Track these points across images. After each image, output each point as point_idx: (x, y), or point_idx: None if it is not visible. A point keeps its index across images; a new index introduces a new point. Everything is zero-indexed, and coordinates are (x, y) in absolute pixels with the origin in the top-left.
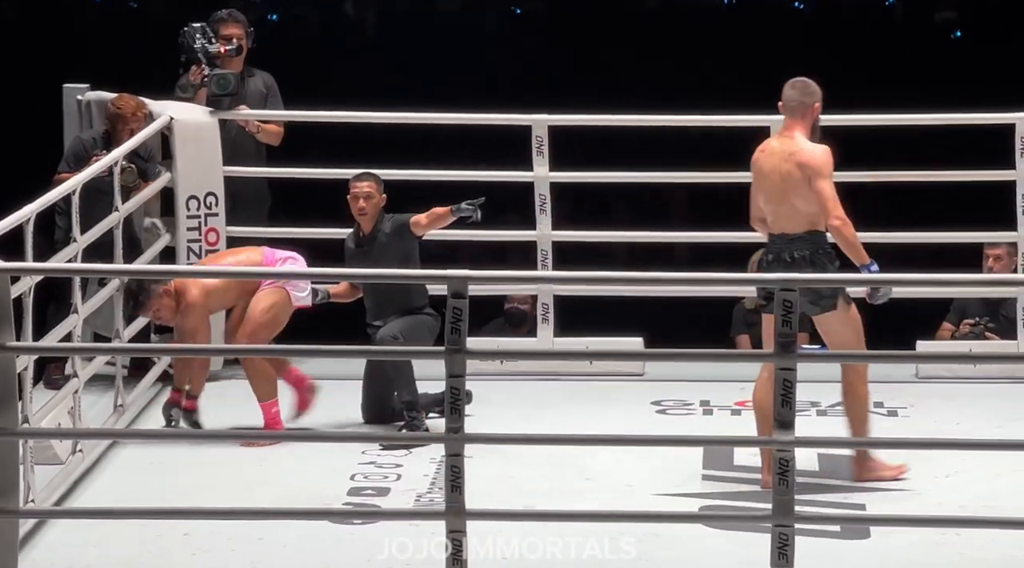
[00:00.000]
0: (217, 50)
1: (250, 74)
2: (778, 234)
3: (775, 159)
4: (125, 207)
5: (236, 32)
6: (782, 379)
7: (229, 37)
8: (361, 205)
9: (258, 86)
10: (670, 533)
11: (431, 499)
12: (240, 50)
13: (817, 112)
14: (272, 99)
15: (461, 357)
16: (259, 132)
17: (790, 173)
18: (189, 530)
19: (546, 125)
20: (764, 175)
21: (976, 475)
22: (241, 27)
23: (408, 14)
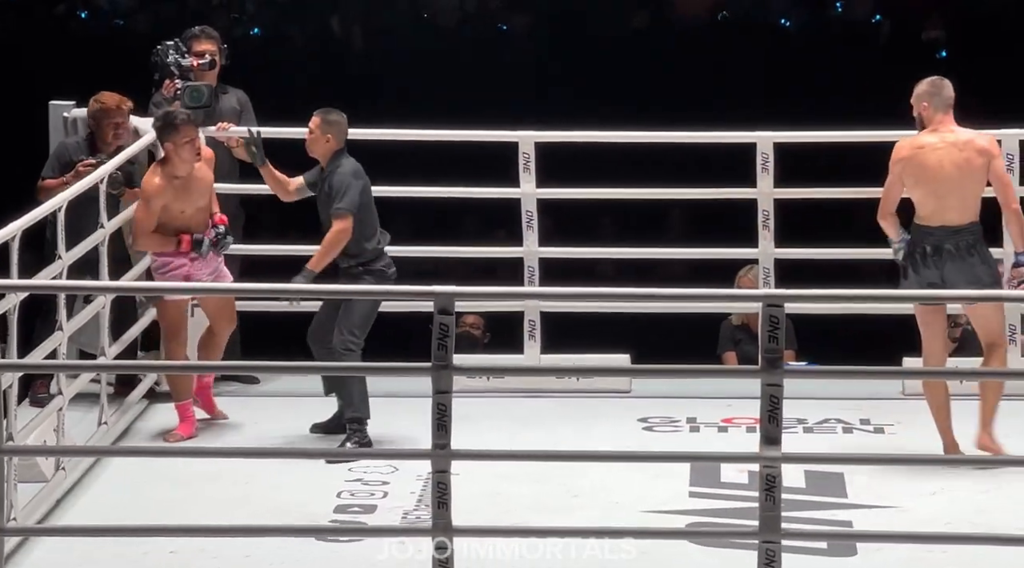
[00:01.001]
0: (190, 63)
1: (224, 91)
2: (938, 226)
3: (944, 150)
4: (111, 223)
5: (209, 47)
6: (768, 395)
7: (202, 52)
8: (305, 137)
9: (232, 103)
10: (657, 550)
11: (418, 516)
12: (213, 65)
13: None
14: (246, 116)
15: (448, 373)
16: (237, 146)
17: (969, 161)
18: (175, 548)
19: (532, 141)
20: (927, 168)
21: (963, 492)
22: (214, 43)
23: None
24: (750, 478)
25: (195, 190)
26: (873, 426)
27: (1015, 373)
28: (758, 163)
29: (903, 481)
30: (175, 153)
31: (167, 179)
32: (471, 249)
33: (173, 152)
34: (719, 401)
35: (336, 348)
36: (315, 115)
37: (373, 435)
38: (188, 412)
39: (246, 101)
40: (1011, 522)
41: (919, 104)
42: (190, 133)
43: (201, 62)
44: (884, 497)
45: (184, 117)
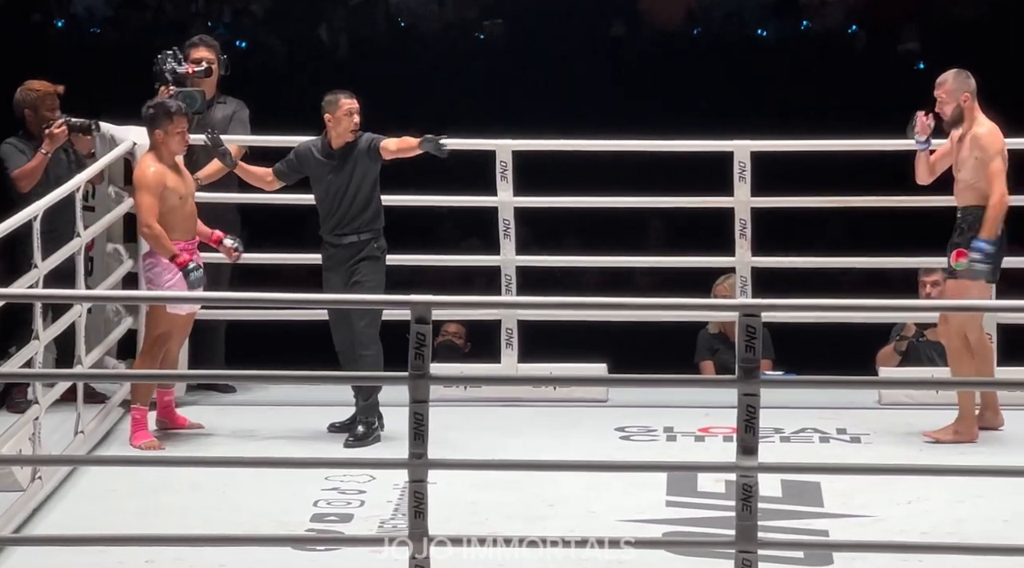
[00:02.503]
0: (185, 71)
1: (221, 101)
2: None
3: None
4: (87, 232)
5: (207, 55)
6: (745, 405)
7: (199, 60)
8: (357, 121)
9: (225, 113)
10: (634, 559)
11: (394, 525)
12: (209, 72)
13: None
14: (235, 126)
15: (425, 382)
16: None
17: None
18: (151, 557)
19: (510, 150)
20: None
21: (938, 501)
22: (212, 51)
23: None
24: (727, 487)
25: (185, 181)
26: (849, 435)
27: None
28: (735, 172)
29: (879, 490)
30: (164, 142)
31: (160, 166)
32: (448, 257)
33: (162, 141)
34: (696, 410)
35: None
36: (355, 97)
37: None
38: (143, 419)
39: (242, 111)
40: (987, 531)
41: (960, 97)
42: (182, 124)
43: (197, 69)
44: (860, 506)
45: (178, 107)
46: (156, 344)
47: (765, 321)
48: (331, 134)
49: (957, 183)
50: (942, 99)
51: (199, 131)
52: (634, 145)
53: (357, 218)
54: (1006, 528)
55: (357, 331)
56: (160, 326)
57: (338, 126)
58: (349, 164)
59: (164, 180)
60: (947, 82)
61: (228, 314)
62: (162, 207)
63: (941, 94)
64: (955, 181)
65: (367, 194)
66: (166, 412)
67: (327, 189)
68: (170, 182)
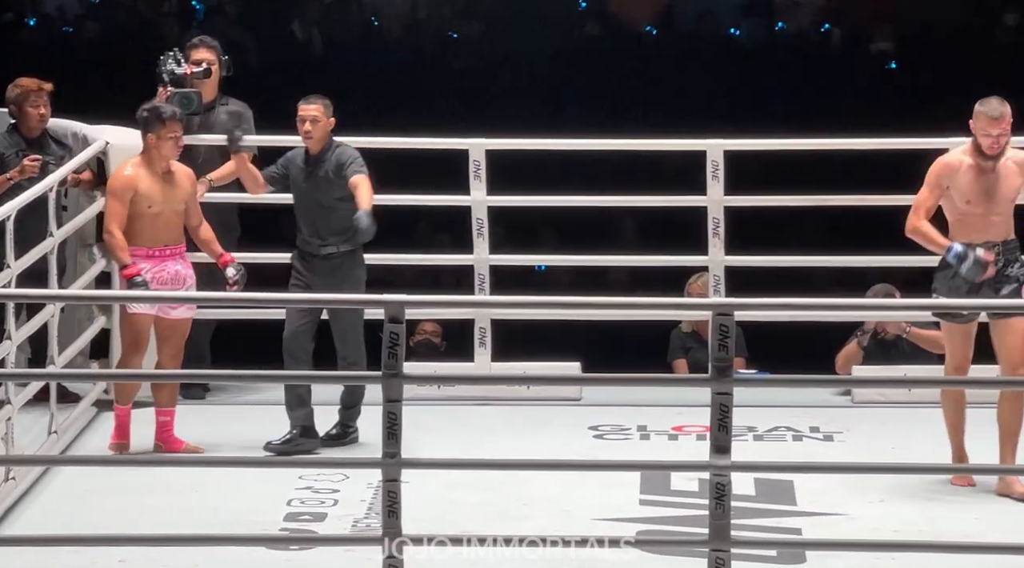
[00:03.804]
0: (184, 72)
1: (223, 102)
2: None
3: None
4: (60, 232)
5: (206, 57)
6: (718, 404)
7: (199, 61)
8: (307, 128)
9: (228, 114)
10: (607, 558)
11: (368, 524)
12: (208, 73)
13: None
14: (243, 127)
15: (398, 382)
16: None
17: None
18: (124, 557)
19: (483, 149)
20: None
21: (912, 499)
22: (213, 52)
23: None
24: (700, 486)
25: (169, 191)
26: (823, 434)
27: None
28: (708, 171)
29: (852, 489)
30: (156, 146)
31: (140, 171)
32: (422, 257)
33: (154, 145)
34: (669, 409)
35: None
36: (315, 101)
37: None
38: (124, 419)
39: (244, 113)
40: (959, 529)
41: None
42: (175, 129)
43: (196, 70)
44: (833, 505)
45: (172, 112)
46: (132, 352)
47: (738, 320)
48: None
49: (1000, 216)
50: (1005, 133)
51: (202, 132)
52: (607, 144)
53: (331, 229)
54: (977, 526)
55: (340, 355)
56: (131, 328)
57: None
58: (320, 172)
59: (135, 185)
60: (1008, 115)
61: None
62: (130, 211)
63: (1005, 127)
64: (984, 214)
65: (335, 206)
66: (162, 434)
67: (302, 196)
68: (143, 188)
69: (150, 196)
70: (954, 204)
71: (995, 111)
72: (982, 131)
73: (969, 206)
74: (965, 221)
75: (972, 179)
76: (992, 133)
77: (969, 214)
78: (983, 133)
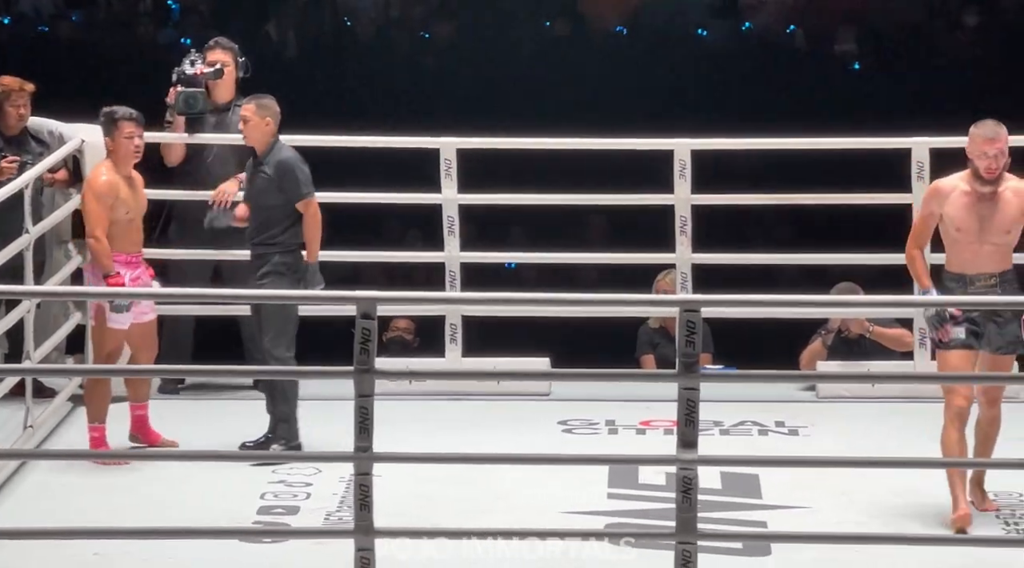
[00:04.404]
0: (195, 72)
1: (239, 103)
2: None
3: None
4: (36, 228)
5: (221, 58)
6: (685, 399)
7: (213, 62)
8: (239, 127)
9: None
10: (576, 550)
11: (340, 517)
12: (220, 74)
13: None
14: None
15: (370, 377)
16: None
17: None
18: (99, 550)
19: (454, 148)
20: None
21: (875, 493)
22: (228, 54)
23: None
24: (667, 479)
25: (137, 196)
26: (788, 428)
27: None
28: (675, 170)
29: (817, 482)
30: (114, 149)
31: (114, 176)
32: (394, 254)
33: (112, 148)
34: (637, 404)
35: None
36: (246, 102)
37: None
38: (100, 442)
39: None
40: (922, 523)
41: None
42: (129, 129)
43: (206, 71)
44: (798, 498)
45: (125, 114)
46: (107, 362)
47: (705, 316)
48: None
49: (995, 246)
50: (1002, 153)
51: (217, 131)
52: (576, 143)
53: (263, 228)
54: (940, 520)
55: (264, 350)
56: (107, 343)
57: None
58: (260, 175)
59: (117, 191)
60: (1004, 136)
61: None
62: (110, 216)
63: (1001, 147)
64: (975, 242)
65: (269, 212)
66: (139, 426)
67: (247, 194)
68: (122, 194)
69: (127, 202)
70: (947, 230)
71: (990, 131)
72: (978, 152)
73: (960, 233)
74: (957, 249)
75: (964, 205)
76: (988, 152)
77: (960, 241)
78: (979, 154)
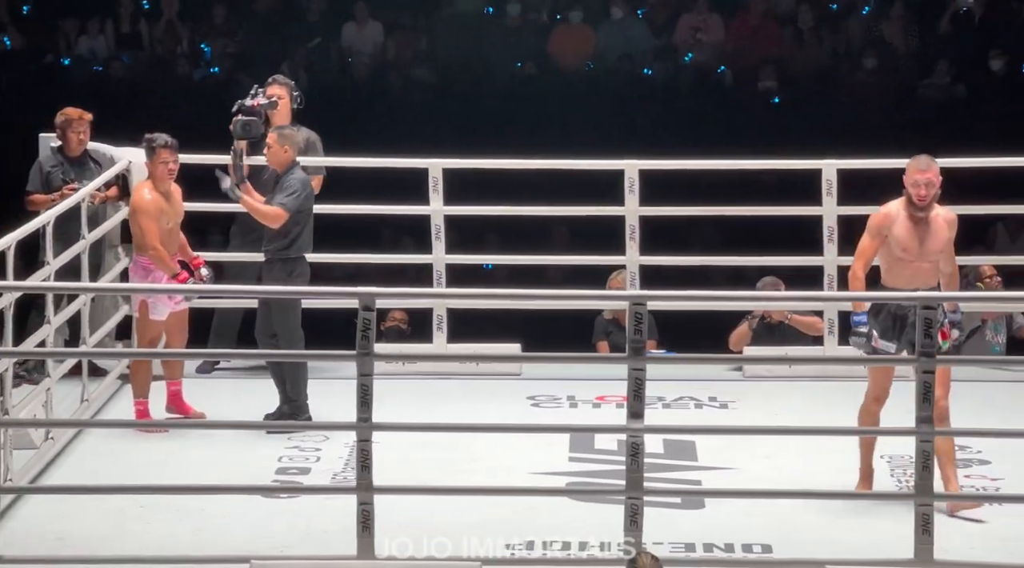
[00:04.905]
0: (252, 103)
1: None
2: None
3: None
4: (91, 235)
5: (278, 92)
6: (634, 378)
7: (271, 95)
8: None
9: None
10: (542, 505)
11: (345, 477)
12: (275, 105)
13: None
14: (310, 153)
15: (369, 359)
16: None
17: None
18: (145, 503)
19: (440, 168)
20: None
21: (791, 457)
22: (284, 88)
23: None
24: (619, 446)
25: (173, 208)
26: (719, 402)
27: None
28: (626, 186)
29: (743, 448)
30: (152, 172)
31: (155, 193)
32: (390, 256)
33: (151, 170)
34: (594, 382)
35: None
36: (270, 133)
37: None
38: (144, 414)
39: (314, 140)
40: (831, 480)
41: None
42: (164, 156)
43: (262, 102)
44: (728, 461)
45: (161, 142)
46: (149, 347)
47: (650, 309)
48: None
49: (931, 264)
50: (932, 183)
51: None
52: (543, 164)
53: (274, 238)
54: (844, 477)
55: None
56: (148, 332)
57: None
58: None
59: (160, 206)
60: (935, 169)
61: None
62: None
63: (932, 177)
64: (915, 261)
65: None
66: (174, 400)
67: None
68: (163, 208)
69: (167, 214)
70: (890, 251)
71: (923, 163)
72: (911, 181)
73: (905, 254)
74: (896, 268)
75: (906, 229)
76: (920, 181)
77: (902, 261)
78: (912, 183)
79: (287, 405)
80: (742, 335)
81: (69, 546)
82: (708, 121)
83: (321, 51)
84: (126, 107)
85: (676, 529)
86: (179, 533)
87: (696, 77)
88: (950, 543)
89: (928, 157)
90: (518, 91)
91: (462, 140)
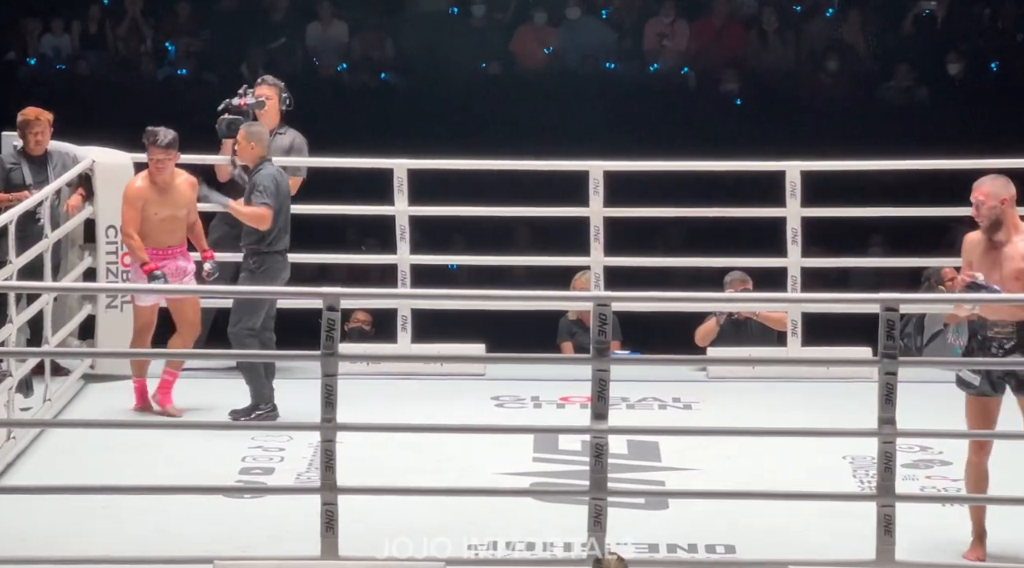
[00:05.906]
0: (239, 103)
1: (281, 131)
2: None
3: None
4: (54, 234)
5: (265, 92)
6: (598, 378)
7: (259, 95)
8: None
9: (284, 142)
10: (505, 505)
11: (309, 477)
12: (262, 105)
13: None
14: (294, 155)
15: (334, 359)
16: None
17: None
18: (106, 503)
19: (405, 168)
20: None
21: (754, 458)
22: (273, 89)
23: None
24: (583, 446)
25: (170, 199)
26: (683, 403)
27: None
28: (590, 187)
29: (706, 449)
30: (151, 164)
31: (146, 183)
32: (355, 256)
33: (150, 163)
34: (558, 383)
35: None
36: (240, 129)
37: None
38: (143, 389)
39: (300, 142)
40: (792, 480)
41: (997, 200)
42: (154, 153)
43: (249, 102)
44: (691, 461)
45: (152, 139)
46: (140, 333)
47: (614, 310)
48: None
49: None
50: (980, 202)
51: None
52: (507, 165)
53: (248, 233)
54: (808, 477)
55: (229, 334)
56: (139, 318)
57: None
58: (248, 184)
59: (145, 196)
60: (980, 186)
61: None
62: (141, 217)
63: (978, 196)
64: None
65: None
66: (161, 389)
67: (245, 201)
68: (151, 197)
69: (154, 204)
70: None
71: (978, 181)
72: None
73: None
74: None
75: (980, 253)
76: (972, 200)
77: None
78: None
79: (257, 404)
80: (709, 330)
81: (30, 546)
82: (672, 122)
83: (286, 51)
84: (90, 106)
85: (640, 530)
86: (143, 533)
87: (660, 79)
88: (911, 544)
89: (990, 176)
90: (482, 92)
91: (426, 140)
